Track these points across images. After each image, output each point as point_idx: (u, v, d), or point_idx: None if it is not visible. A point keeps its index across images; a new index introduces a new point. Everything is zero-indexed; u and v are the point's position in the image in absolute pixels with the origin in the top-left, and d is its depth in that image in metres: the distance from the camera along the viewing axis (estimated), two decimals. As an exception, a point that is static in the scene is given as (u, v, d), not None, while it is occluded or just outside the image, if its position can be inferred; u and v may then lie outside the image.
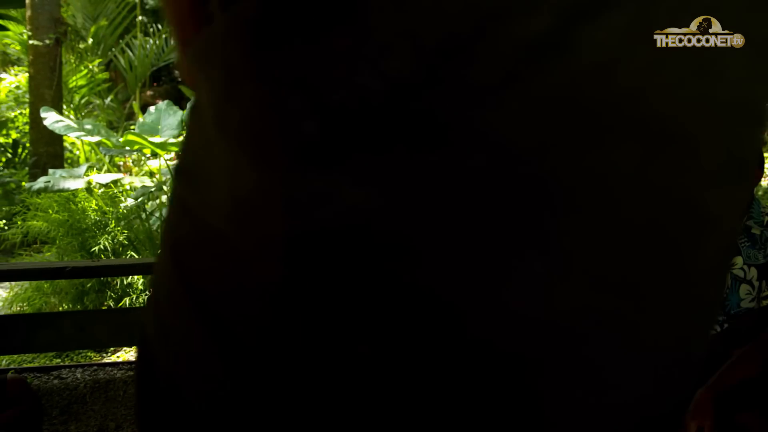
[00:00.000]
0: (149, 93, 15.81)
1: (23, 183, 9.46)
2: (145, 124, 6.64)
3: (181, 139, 5.31)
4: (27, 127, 12.02)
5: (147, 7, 14.99)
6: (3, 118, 13.39)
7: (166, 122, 6.48)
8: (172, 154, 6.29)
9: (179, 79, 17.90)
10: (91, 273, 3.84)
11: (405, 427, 0.53)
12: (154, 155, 6.72)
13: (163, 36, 11.34)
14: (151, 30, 12.24)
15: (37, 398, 1.92)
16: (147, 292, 4.81)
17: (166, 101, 6.49)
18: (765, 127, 0.60)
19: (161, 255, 0.70)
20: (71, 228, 5.33)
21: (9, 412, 1.76)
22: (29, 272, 3.60)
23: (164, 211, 5.44)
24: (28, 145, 11.29)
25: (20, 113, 13.78)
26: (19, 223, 5.92)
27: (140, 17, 12.18)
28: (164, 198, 5.86)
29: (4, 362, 4.04)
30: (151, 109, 6.13)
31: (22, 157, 11.41)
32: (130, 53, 10.86)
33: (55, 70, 10.18)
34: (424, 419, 0.53)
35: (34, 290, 5.14)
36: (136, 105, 9.71)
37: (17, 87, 15.21)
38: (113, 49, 11.43)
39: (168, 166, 6.23)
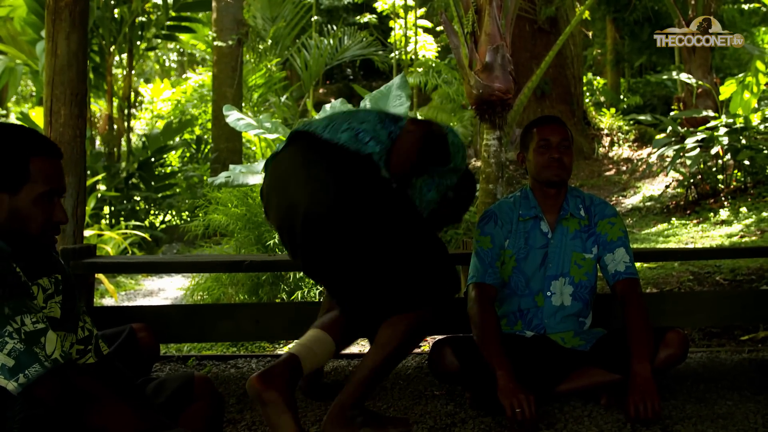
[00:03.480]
0: (322, 91, 16.27)
1: (205, 178, 9.96)
2: (319, 121, 6.72)
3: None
4: (209, 124, 12.68)
5: (322, 7, 15.41)
6: (188, 116, 14.21)
7: (340, 120, 6.52)
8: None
9: (351, 77, 18.27)
10: (268, 267, 3.95)
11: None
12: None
13: (337, 36, 11.57)
14: (326, 29, 12.51)
15: (220, 395, 2.00)
16: (319, 287, 4.90)
17: (339, 99, 6.54)
18: None
19: None
20: (248, 222, 5.51)
21: (195, 405, 1.85)
22: (211, 265, 3.75)
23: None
24: (210, 141, 11.89)
25: (203, 111, 14.58)
26: (200, 216, 6.16)
27: (315, 17, 12.50)
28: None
29: (185, 349, 4.24)
30: (327, 106, 6.18)
31: (205, 152, 12.01)
32: (306, 53, 11.14)
33: (236, 69, 10.65)
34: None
35: (213, 280, 5.36)
36: (309, 102, 9.96)
37: (201, 85, 16.13)
38: (289, 49, 11.78)
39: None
